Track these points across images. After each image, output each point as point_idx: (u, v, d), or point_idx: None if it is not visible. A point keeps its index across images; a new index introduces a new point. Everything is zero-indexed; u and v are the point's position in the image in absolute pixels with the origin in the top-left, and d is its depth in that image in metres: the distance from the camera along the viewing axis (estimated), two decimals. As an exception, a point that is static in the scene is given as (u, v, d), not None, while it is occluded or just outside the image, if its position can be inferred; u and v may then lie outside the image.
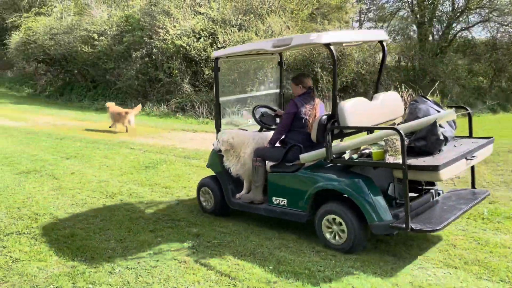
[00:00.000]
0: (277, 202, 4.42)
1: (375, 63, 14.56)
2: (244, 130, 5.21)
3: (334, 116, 4.00)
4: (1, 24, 29.68)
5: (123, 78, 17.94)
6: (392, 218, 3.72)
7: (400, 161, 3.49)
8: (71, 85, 22.22)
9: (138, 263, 3.90)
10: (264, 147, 4.68)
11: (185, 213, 5.24)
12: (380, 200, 3.76)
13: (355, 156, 3.95)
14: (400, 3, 18.28)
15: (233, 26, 15.75)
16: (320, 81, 13.44)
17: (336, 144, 4.09)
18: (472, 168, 4.39)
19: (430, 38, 16.43)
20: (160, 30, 16.41)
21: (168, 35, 16.13)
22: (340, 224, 3.90)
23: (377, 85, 5.18)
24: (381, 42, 4.75)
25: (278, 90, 5.73)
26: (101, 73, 19.42)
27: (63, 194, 5.96)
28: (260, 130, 5.21)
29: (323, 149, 3.95)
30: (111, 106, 11.73)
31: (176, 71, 16.10)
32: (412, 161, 3.56)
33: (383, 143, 3.74)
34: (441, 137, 3.69)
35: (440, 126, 3.75)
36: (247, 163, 4.70)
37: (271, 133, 4.77)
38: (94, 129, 11.98)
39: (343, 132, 4.22)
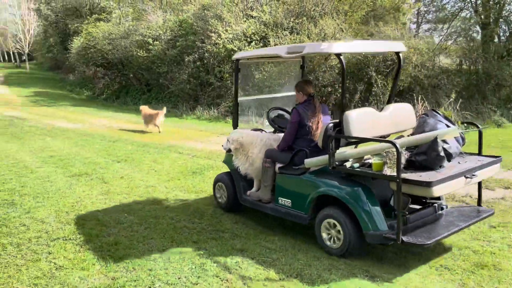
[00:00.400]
0: (282, 203, 4.58)
1: (435, 66, 13.74)
2: (258, 130, 5.45)
3: (340, 125, 4.07)
4: (65, 30, 31.32)
5: (175, 82, 18.23)
6: (387, 229, 3.76)
7: (401, 173, 3.48)
8: (127, 88, 22.96)
9: (179, 278, 3.72)
10: (274, 149, 4.79)
11: (230, 223, 5.03)
12: (376, 210, 3.82)
13: (356, 165, 4.04)
14: (462, 3, 17.17)
15: (284, 30, 15.50)
16: (375, 85, 12.85)
17: (342, 151, 4.08)
18: (479, 185, 4.40)
19: (496, 39, 15.29)
20: (212, 34, 16.49)
21: (219, 39, 16.18)
22: (338, 229, 4.00)
23: (390, 95, 5.10)
24: (397, 53, 4.79)
25: (292, 94, 5.60)
26: (155, 77, 19.87)
27: (110, 199, 5.96)
28: (275, 132, 5.29)
29: (327, 156, 4.03)
30: (144, 109, 12.63)
31: (227, 75, 16.11)
32: (408, 175, 3.59)
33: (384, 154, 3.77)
34: (442, 154, 3.71)
35: (445, 142, 3.81)
36: (256, 163, 4.87)
37: (282, 134, 4.80)
38: (146, 131, 12.16)
39: (347, 140, 4.20)
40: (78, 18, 29.86)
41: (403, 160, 3.67)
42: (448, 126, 4.02)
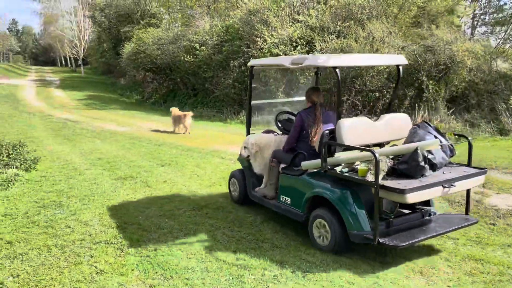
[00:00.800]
0: (283, 200, 4.97)
1: (491, 71, 12.96)
2: (270, 132, 5.85)
3: (334, 132, 4.35)
4: (117, 36, 32.55)
5: (220, 86, 18.37)
6: (370, 230, 3.98)
7: (378, 180, 3.74)
8: (174, 92, 23.46)
9: (216, 289, 3.63)
10: (280, 150, 5.21)
11: (271, 233, 4.90)
12: (361, 212, 4.07)
13: (345, 169, 4.27)
14: (523, 4, 16.16)
15: (331, 34, 15.22)
16: (426, 91, 12.29)
17: (335, 156, 4.42)
18: (468, 195, 4.62)
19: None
20: (258, 39, 16.48)
21: (265, 44, 16.13)
22: (327, 229, 4.31)
23: (389, 105, 5.43)
24: (398, 66, 5.04)
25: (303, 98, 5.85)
26: (201, 82, 20.15)
27: (153, 203, 6.00)
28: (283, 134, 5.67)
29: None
30: (174, 110, 13.26)
31: (272, 79, 16.02)
32: (387, 182, 3.85)
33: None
34: (422, 163, 3.97)
35: (430, 152, 4.09)
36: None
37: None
38: (192, 136, 12.29)
39: (340, 147, 4.46)
40: (130, 24, 30.93)
41: (386, 168, 4.00)
42: (436, 137, 4.28)
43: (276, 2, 17.32)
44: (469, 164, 4.48)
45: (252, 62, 5.67)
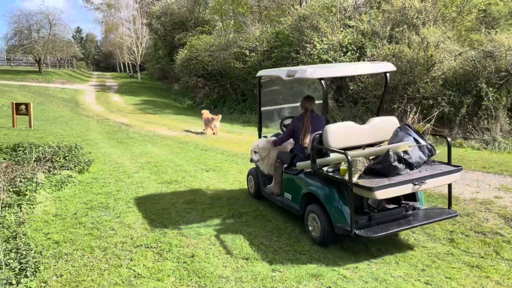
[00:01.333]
0: (286, 196, 5.50)
1: None
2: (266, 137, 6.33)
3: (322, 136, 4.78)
4: (172, 43, 33.63)
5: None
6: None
7: (354, 179, 4.18)
8: (224, 98, 23.81)
9: (248, 301, 3.58)
10: (283, 152, 5.78)
11: (309, 245, 4.78)
12: (344, 207, 4.43)
13: (330, 169, 4.71)
14: None
15: (382, 39, 14.78)
16: (485, 99, 11.57)
17: (326, 157, 4.85)
18: (449, 189, 4.95)
19: None
20: (307, 45, 16.35)
21: (314, 49, 15.97)
22: (317, 221, 4.75)
23: (378, 109, 5.87)
24: (385, 73, 5.43)
25: (320, 101, 6.29)
26: (250, 88, 20.29)
27: (194, 209, 6.07)
28: None
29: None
30: (205, 113, 14.50)
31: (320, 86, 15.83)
32: (361, 180, 4.22)
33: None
34: (394, 164, 4.32)
35: (406, 153, 4.42)
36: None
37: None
38: (238, 142, 12.39)
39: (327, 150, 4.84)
40: (184, 31, 31.84)
41: (363, 168, 4.40)
42: (415, 139, 4.63)
43: (327, 8, 17.10)
44: (448, 162, 4.74)
45: (259, 73, 6.20)
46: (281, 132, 6.37)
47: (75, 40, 63.03)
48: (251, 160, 6.02)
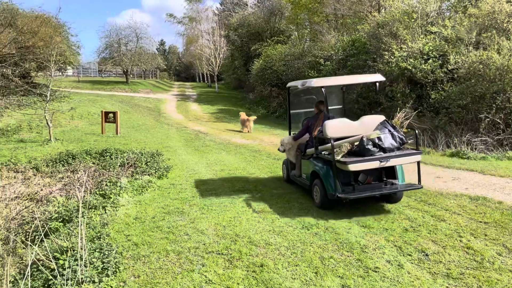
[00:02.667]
0: (303, 176, 7.37)
1: None
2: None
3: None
4: (248, 53, 34.41)
5: (344, 101, 18.08)
6: (340, 192, 5.99)
7: (338, 157, 5.83)
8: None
9: (316, 316, 3.51)
10: (302, 144, 7.53)
11: (383, 261, 4.58)
12: (335, 181, 6.00)
13: (326, 153, 6.44)
14: None
15: (468, 45, 13.85)
16: None
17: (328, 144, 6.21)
18: (418, 168, 6.30)
19: None
20: (385, 53, 15.83)
21: (392, 57, 15.41)
22: (317, 191, 6.49)
23: (369, 110, 7.82)
24: (375, 82, 7.25)
25: (341, 106, 8.85)
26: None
27: (264, 218, 6.11)
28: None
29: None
30: (242, 114, 18.03)
31: (399, 94, 15.20)
32: (343, 158, 5.82)
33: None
34: (368, 147, 5.80)
35: (380, 139, 5.90)
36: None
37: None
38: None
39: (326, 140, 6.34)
40: (259, 42, 32.43)
41: (346, 150, 5.98)
42: (390, 131, 6.11)
43: (408, 14, 16.43)
44: (416, 148, 6.18)
45: (288, 84, 8.12)
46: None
47: (158, 52, 66.94)
48: (279, 150, 8.03)
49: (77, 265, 4.09)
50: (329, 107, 7.98)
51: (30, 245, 4.76)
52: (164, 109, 29.35)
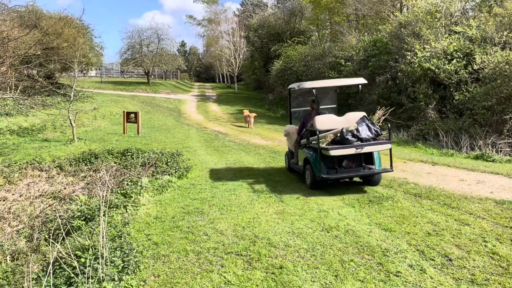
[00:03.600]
0: (299, 163, 8.68)
1: None
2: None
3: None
4: (267, 54, 34.38)
5: (364, 102, 17.87)
6: (326, 174, 7.37)
7: (322, 145, 7.25)
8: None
9: (336, 320, 3.46)
10: (301, 133, 8.89)
11: (405, 266, 4.48)
12: (321, 165, 7.41)
13: (315, 142, 7.64)
14: None
15: (495, 45, 13.52)
16: None
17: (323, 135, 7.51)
18: (390, 154, 7.79)
19: None
20: (408, 53, 15.59)
21: (415, 57, 15.17)
22: (308, 174, 7.93)
23: (351, 109, 10.33)
24: (358, 85, 8.17)
25: (335, 105, 10.04)
26: (344, 98, 19.89)
27: (283, 219, 6.08)
28: None
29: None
30: (245, 112, 21.20)
31: (421, 95, 14.94)
32: (327, 146, 7.22)
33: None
34: (347, 137, 7.20)
35: (357, 131, 7.28)
36: (294, 142, 9.16)
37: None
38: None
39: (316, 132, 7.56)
40: (279, 43, 32.36)
41: (330, 139, 7.36)
42: (368, 125, 7.41)
43: (431, 14, 16.14)
44: (388, 139, 7.61)
45: (289, 86, 9.50)
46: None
47: (179, 53, 67.60)
48: (284, 134, 9.70)
49: (98, 263, 4.14)
50: (325, 106, 9.84)
51: (53, 243, 4.86)
52: (184, 109, 29.60)
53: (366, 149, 7.19)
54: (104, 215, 4.96)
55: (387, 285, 4.09)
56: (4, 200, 7.73)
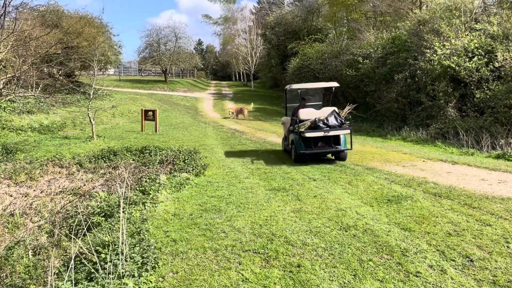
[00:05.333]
0: (291, 146, 10.95)
1: None
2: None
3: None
4: (284, 52, 34.28)
5: (382, 100, 17.68)
6: (304, 150, 10.03)
7: (302, 129, 9.96)
8: (334, 106, 23.50)
9: (355, 319, 3.43)
10: (291, 122, 11.24)
11: (425, 266, 4.42)
12: (301, 144, 10.07)
13: (297, 127, 10.21)
14: None
15: (517, 41, 13.20)
16: None
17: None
18: (351, 137, 10.19)
19: None
20: (427, 51, 15.35)
21: (435, 55, 14.93)
22: (293, 151, 10.64)
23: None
24: (332, 87, 10.84)
25: (320, 102, 12.19)
26: (362, 96, 19.72)
27: (300, 218, 6.06)
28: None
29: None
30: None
31: (441, 93, 14.70)
32: (304, 131, 9.86)
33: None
34: (319, 124, 9.86)
35: (327, 120, 9.91)
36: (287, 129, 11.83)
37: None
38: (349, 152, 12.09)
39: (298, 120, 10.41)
40: (296, 40, 32.23)
41: (307, 125, 9.97)
42: (335, 116, 10.05)
43: (450, 11, 15.86)
44: (349, 126, 10.11)
45: (286, 87, 11.69)
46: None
47: (196, 51, 67.94)
48: (281, 123, 12.61)
49: (118, 259, 4.20)
50: (312, 103, 12.02)
51: (73, 238, 4.94)
52: (201, 107, 29.75)
53: (332, 133, 9.90)
54: (123, 212, 5.02)
55: (406, 286, 4.05)
56: (26, 196, 7.91)
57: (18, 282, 4.45)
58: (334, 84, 10.70)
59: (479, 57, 13.91)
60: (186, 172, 8.94)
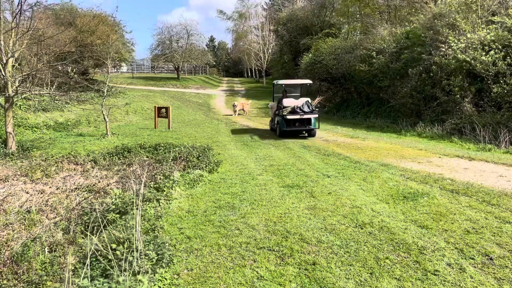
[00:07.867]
0: (276, 126, 15.94)
1: None
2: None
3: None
4: (297, 48, 34.09)
5: (396, 96, 17.47)
6: (285, 128, 14.79)
7: (285, 113, 14.75)
8: (347, 102, 23.29)
9: (372, 318, 3.38)
10: (275, 109, 16.28)
11: (443, 265, 4.34)
12: (284, 124, 14.72)
13: (282, 112, 14.96)
14: None
15: (536, 34, 12.89)
16: None
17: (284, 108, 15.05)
18: (318, 121, 14.98)
19: None
20: (442, 45, 15.09)
21: (450, 49, 14.66)
22: (277, 129, 15.83)
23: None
24: (307, 84, 16.44)
25: (298, 94, 17.18)
26: (376, 91, 19.51)
27: (315, 215, 6.00)
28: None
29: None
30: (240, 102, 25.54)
31: (457, 88, 14.45)
32: (287, 114, 14.47)
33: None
34: (297, 110, 14.35)
35: (302, 107, 14.39)
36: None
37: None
38: (361, 147, 11.98)
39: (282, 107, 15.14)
40: (308, 36, 32.02)
41: (289, 110, 14.40)
42: (308, 105, 14.49)
43: (466, 4, 15.56)
44: (318, 111, 14.72)
45: (274, 82, 16.77)
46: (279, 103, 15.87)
47: (208, 48, 68.01)
48: (269, 107, 17.75)
49: (133, 256, 4.20)
50: (292, 94, 16.60)
51: (89, 235, 4.97)
52: (213, 104, 29.78)
53: (306, 116, 14.15)
54: (137, 209, 5.03)
55: (424, 284, 3.97)
56: (42, 193, 7.99)
57: (35, 278, 4.49)
58: (308, 81, 16.31)
59: (496, 50, 13.63)
60: (200, 169, 8.94)
